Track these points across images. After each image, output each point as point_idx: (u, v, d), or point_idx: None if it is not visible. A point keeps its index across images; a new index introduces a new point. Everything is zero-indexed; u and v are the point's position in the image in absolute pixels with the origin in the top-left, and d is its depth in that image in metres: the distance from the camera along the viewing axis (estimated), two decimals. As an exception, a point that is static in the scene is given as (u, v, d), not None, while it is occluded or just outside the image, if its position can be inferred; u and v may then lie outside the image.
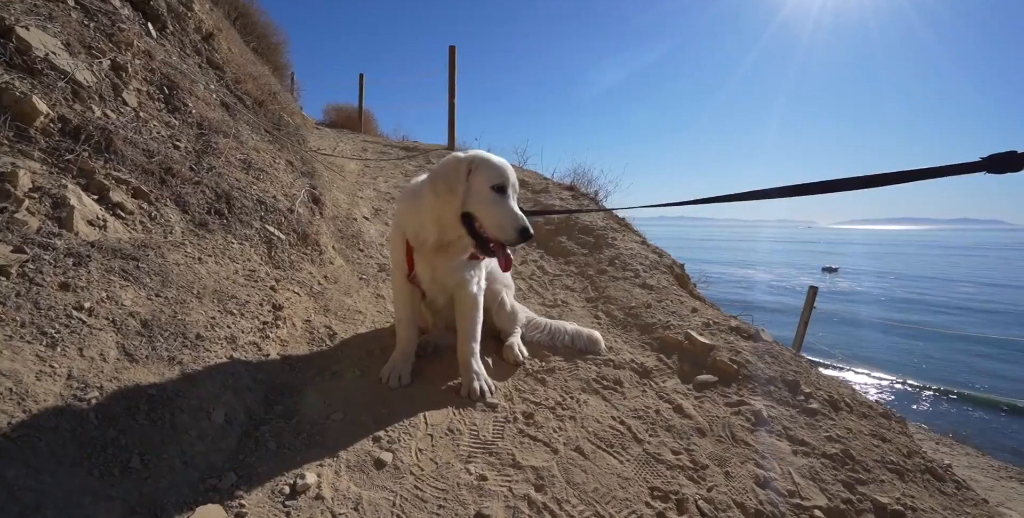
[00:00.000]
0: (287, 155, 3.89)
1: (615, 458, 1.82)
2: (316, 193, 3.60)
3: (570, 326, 2.65)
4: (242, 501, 1.36)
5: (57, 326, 1.47)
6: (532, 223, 1.75)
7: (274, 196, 3.05)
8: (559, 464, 1.72)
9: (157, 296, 1.84)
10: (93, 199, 1.98)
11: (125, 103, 2.46)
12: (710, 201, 1.91)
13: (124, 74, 2.54)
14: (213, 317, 1.97)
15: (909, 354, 16.29)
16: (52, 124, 2.00)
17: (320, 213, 3.52)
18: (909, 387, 12.34)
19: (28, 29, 2.10)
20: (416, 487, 1.52)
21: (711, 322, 2.97)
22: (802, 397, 2.40)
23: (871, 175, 1.36)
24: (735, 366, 2.51)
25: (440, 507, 1.46)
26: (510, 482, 1.60)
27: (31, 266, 1.57)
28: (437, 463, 1.64)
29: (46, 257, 1.62)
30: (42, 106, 1.94)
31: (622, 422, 2.03)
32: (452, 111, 7.76)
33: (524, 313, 2.60)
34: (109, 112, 2.32)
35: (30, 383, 1.29)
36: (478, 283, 2.09)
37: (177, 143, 2.64)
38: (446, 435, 1.78)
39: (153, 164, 2.35)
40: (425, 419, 1.84)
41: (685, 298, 3.46)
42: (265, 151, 3.53)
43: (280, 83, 7.05)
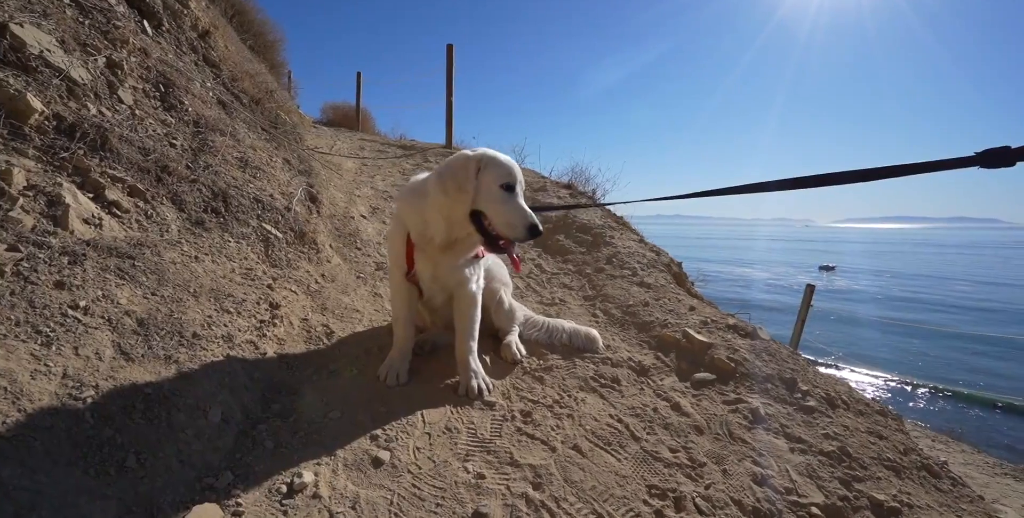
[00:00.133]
0: (284, 153, 3.88)
1: (613, 456, 1.82)
2: (313, 191, 3.59)
3: (568, 324, 2.65)
4: (239, 500, 1.36)
5: (52, 325, 1.46)
6: None
7: (271, 194, 3.04)
8: (557, 462, 1.72)
9: (153, 295, 1.83)
10: (88, 197, 1.96)
11: (121, 101, 2.44)
12: (709, 194, 1.91)
13: (119, 72, 2.52)
14: (210, 316, 1.97)
15: (905, 352, 16.37)
16: (47, 122, 1.99)
17: (317, 211, 3.50)
18: (905, 385, 12.41)
19: (22, 26, 2.08)
20: (414, 485, 1.52)
21: (709, 320, 2.98)
22: (799, 395, 2.40)
23: (867, 169, 1.43)
24: (733, 364, 2.52)
25: (438, 506, 1.46)
26: (508, 480, 1.60)
27: (26, 265, 1.56)
28: (435, 461, 1.64)
29: (41, 255, 1.61)
30: (37, 104, 1.93)
31: (620, 420, 2.03)
32: (450, 110, 7.75)
33: (522, 311, 2.60)
34: (104, 110, 2.30)
35: (25, 382, 1.28)
36: (477, 281, 2.09)
37: (173, 141, 2.63)
38: (444, 433, 1.78)
39: (149, 162, 2.34)
40: (423, 417, 1.84)
41: (683, 296, 3.47)
42: (262, 149, 3.52)
43: (277, 81, 7.02)
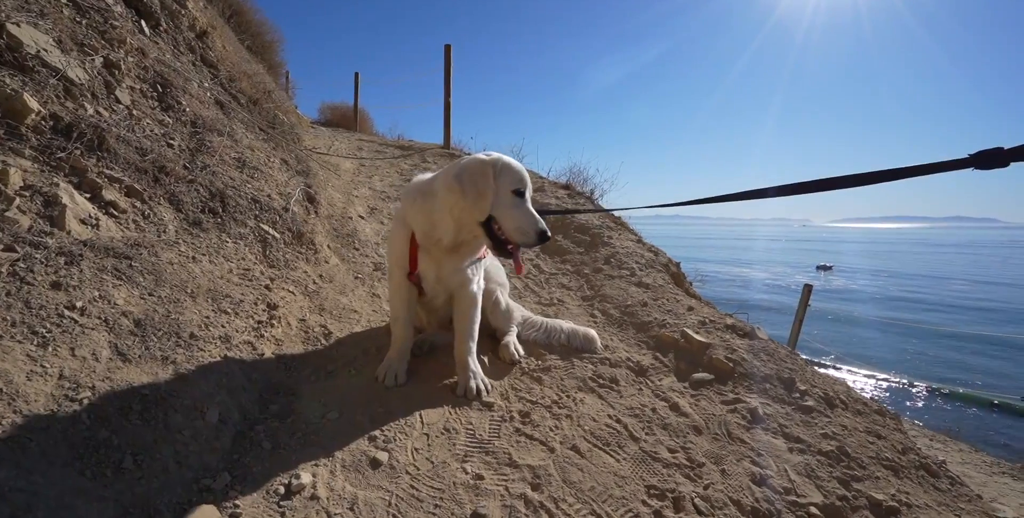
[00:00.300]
0: (282, 154, 3.87)
1: (612, 456, 1.82)
2: (311, 192, 3.58)
3: (566, 324, 2.65)
4: (236, 501, 1.35)
5: (48, 325, 1.46)
6: None
7: (269, 195, 3.04)
8: (556, 463, 1.72)
9: (150, 295, 1.83)
10: (85, 197, 1.96)
11: (118, 101, 2.44)
12: (709, 201, 1.92)
13: (117, 72, 2.52)
14: (207, 316, 1.96)
15: (903, 352, 16.41)
16: (43, 122, 1.98)
17: (315, 212, 3.50)
18: (903, 384, 12.44)
19: (19, 26, 2.07)
20: (412, 486, 1.52)
21: (707, 320, 2.98)
22: (797, 395, 2.40)
23: (864, 173, 1.44)
24: (731, 364, 2.52)
25: (436, 507, 1.46)
26: (506, 481, 1.60)
27: (22, 265, 1.55)
28: (433, 462, 1.63)
29: (37, 256, 1.61)
30: (33, 104, 1.92)
31: (618, 420, 2.03)
32: (448, 110, 7.74)
33: (520, 312, 2.60)
34: (102, 110, 2.30)
35: (21, 383, 1.27)
36: (478, 283, 2.09)
37: (171, 141, 2.62)
38: (442, 434, 1.77)
39: (146, 162, 2.33)
40: (421, 418, 1.84)
41: (681, 297, 3.47)
42: (260, 150, 3.51)
43: (275, 81, 7.01)
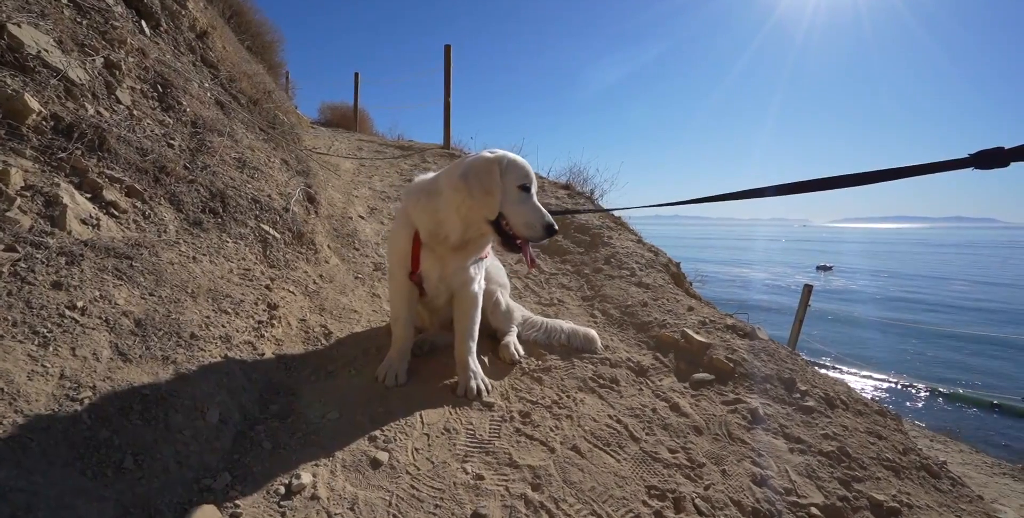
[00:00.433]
0: (282, 154, 3.87)
1: (612, 457, 1.82)
2: (311, 192, 3.58)
3: (566, 325, 2.65)
4: (237, 501, 1.35)
5: (49, 325, 1.46)
6: None
7: (269, 195, 3.04)
8: (556, 463, 1.72)
9: (151, 295, 1.83)
10: (86, 198, 1.96)
11: (118, 101, 2.44)
12: (709, 200, 1.92)
13: (117, 72, 2.52)
14: (208, 316, 1.96)
15: (903, 352, 16.41)
16: (44, 122, 1.98)
17: (315, 212, 3.50)
18: (903, 385, 12.43)
19: (20, 26, 2.07)
20: (412, 487, 1.52)
21: (707, 320, 2.98)
22: (798, 395, 2.40)
23: (864, 173, 1.44)
24: (731, 364, 2.52)
25: (436, 507, 1.46)
26: (507, 481, 1.60)
27: (23, 265, 1.55)
28: (433, 462, 1.63)
29: (38, 256, 1.61)
30: (34, 104, 1.93)
31: (619, 421, 2.03)
32: (447, 110, 7.74)
33: (520, 312, 2.60)
34: (102, 110, 2.30)
35: (22, 383, 1.28)
36: (479, 283, 2.09)
37: (171, 141, 2.62)
38: (442, 434, 1.77)
39: (147, 163, 2.33)
40: (421, 418, 1.84)
41: (681, 297, 3.47)
42: (260, 150, 3.51)
43: (275, 82, 7.02)
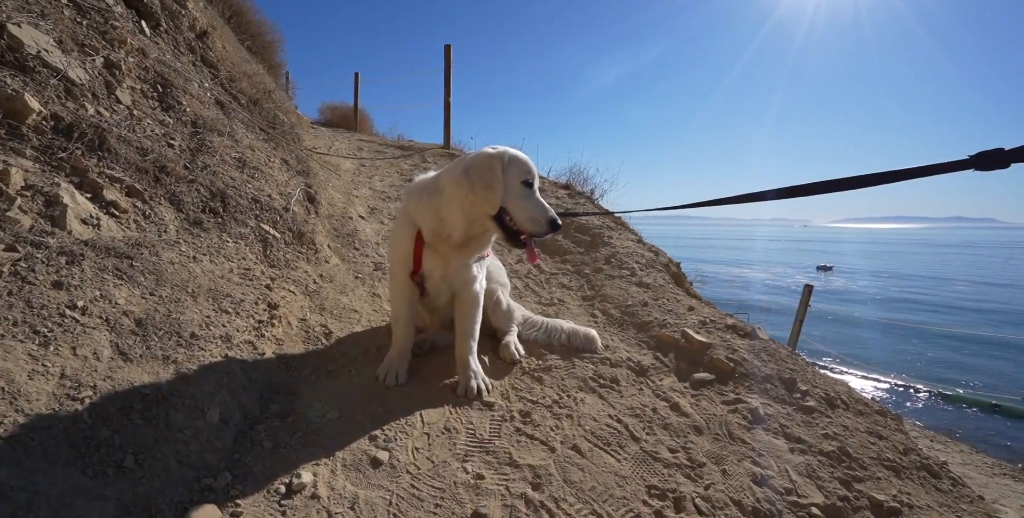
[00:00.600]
0: (282, 154, 3.87)
1: (612, 456, 1.82)
2: (311, 192, 3.58)
3: (567, 324, 2.65)
4: (237, 501, 1.35)
5: (50, 325, 1.46)
6: None
7: (269, 195, 3.04)
8: (556, 463, 1.72)
9: (151, 295, 1.83)
10: (86, 197, 1.96)
11: (118, 101, 2.44)
12: (710, 204, 1.91)
13: (117, 72, 2.52)
14: (208, 316, 1.96)
15: (903, 352, 16.39)
16: (44, 122, 1.98)
17: (315, 212, 3.50)
18: (903, 385, 12.42)
19: (20, 26, 2.07)
20: (413, 486, 1.52)
21: (707, 320, 2.98)
22: (798, 395, 2.40)
23: (864, 175, 1.41)
24: (732, 364, 2.52)
25: (437, 506, 1.46)
26: (507, 481, 1.60)
27: (23, 265, 1.55)
28: (434, 462, 1.63)
29: (39, 256, 1.61)
30: (34, 104, 1.93)
31: (619, 420, 2.03)
32: (448, 110, 7.74)
33: (520, 312, 2.60)
34: (102, 110, 2.30)
35: (22, 382, 1.28)
36: (481, 282, 2.09)
37: (171, 141, 2.62)
38: (443, 434, 1.77)
39: (147, 162, 2.33)
40: (422, 418, 1.84)
41: (681, 296, 3.47)
42: (260, 150, 3.51)
43: (275, 82, 7.02)
